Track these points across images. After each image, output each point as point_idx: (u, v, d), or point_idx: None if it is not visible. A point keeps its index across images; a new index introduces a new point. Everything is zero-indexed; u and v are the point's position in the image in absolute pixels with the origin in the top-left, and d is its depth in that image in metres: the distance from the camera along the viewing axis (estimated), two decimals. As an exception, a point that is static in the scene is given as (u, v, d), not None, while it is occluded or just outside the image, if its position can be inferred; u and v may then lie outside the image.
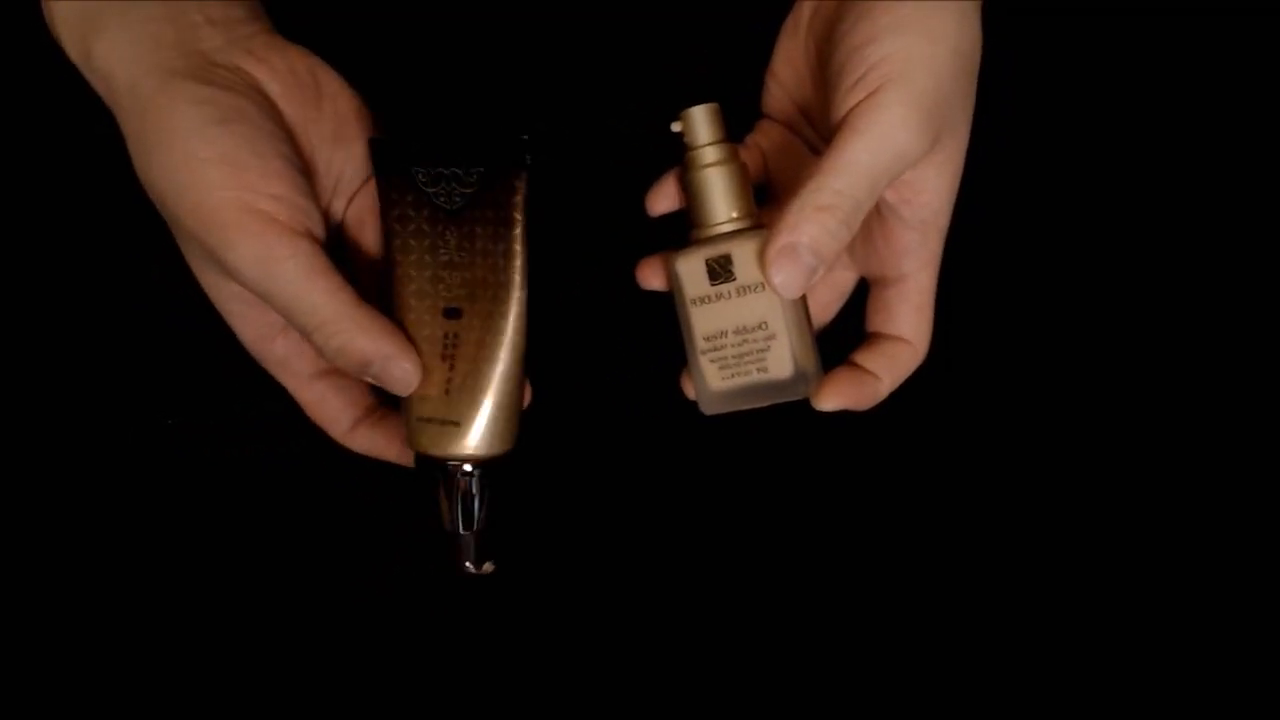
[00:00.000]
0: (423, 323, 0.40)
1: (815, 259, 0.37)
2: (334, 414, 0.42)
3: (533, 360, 0.41)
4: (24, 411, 0.46)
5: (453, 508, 0.41)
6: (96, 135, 0.41)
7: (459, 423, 0.40)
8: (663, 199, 0.43)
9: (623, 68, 0.46)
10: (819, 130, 0.43)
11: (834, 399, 0.40)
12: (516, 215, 0.40)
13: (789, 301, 0.39)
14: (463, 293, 0.40)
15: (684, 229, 0.42)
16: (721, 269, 0.40)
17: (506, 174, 0.40)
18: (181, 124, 0.36)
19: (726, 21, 0.46)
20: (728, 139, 0.41)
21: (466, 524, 0.41)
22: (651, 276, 0.43)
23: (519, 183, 0.40)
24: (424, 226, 0.41)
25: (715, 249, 0.40)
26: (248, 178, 0.36)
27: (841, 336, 0.43)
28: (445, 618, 0.47)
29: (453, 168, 0.40)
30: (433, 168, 0.40)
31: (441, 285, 0.40)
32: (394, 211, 0.41)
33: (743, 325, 0.40)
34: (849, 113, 0.37)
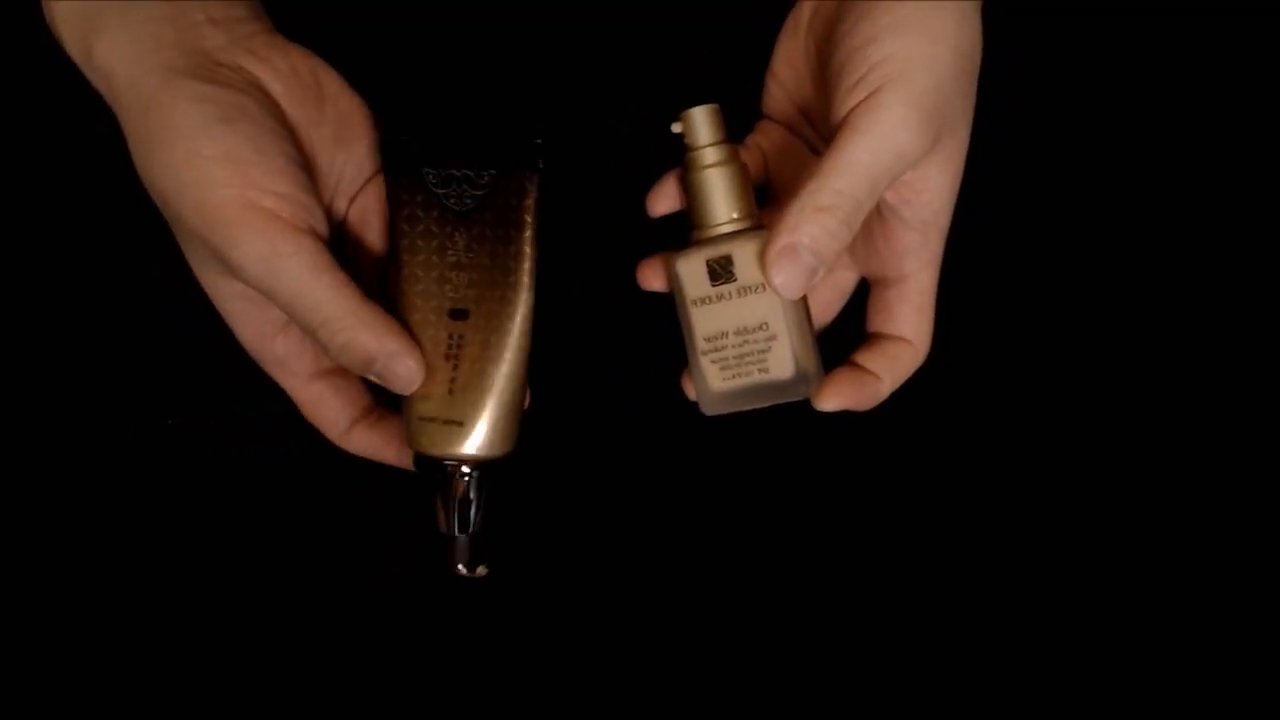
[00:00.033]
0: (427, 323, 0.40)
1: (816, 259, 0.37)
2: (331, 415, 0.42)
3: (533, 361, 0.41)
4: (24, 411, 0.46)
5: (449, 510, 0.40)
6: (97, 135, 0.41)
7: (462, 422, 0.40)
8: (663, 200, 0.43)
9: (623, 68, 0.46)
10: (819, 131, 0.43)
11: (835, 399, 0.40)
12: (527, 217, 0.40)
13: (790, 302, 0.39)
14: (470, 294, 0.40)
15: (684, 230, 0.42)
16: (722, 270, 0.40)
17: (518, 176, 0.40)
18: (184, 122, 0.36)
19: (726, 22, 0.46)
20: (728, 140, 0.41)
21: (462, 526, 0.40)
22: (652, 277, 0.43)
23: (531, 185, 0.40)
24: (432, 227, 0.40)
25: (716, 250, 0.40)
26: (251, 175, 0.36)
27: (842, 337, 0.43)
28: (443, 619, 0.47)
29: (464, 169, 0.40)
30: (444, 169, 0.40)
31: (448, 286, 0.40)
32: (403, 212, 0.41)
33: (743, 326, 0.40)
34: (849, 113, 0.37)
